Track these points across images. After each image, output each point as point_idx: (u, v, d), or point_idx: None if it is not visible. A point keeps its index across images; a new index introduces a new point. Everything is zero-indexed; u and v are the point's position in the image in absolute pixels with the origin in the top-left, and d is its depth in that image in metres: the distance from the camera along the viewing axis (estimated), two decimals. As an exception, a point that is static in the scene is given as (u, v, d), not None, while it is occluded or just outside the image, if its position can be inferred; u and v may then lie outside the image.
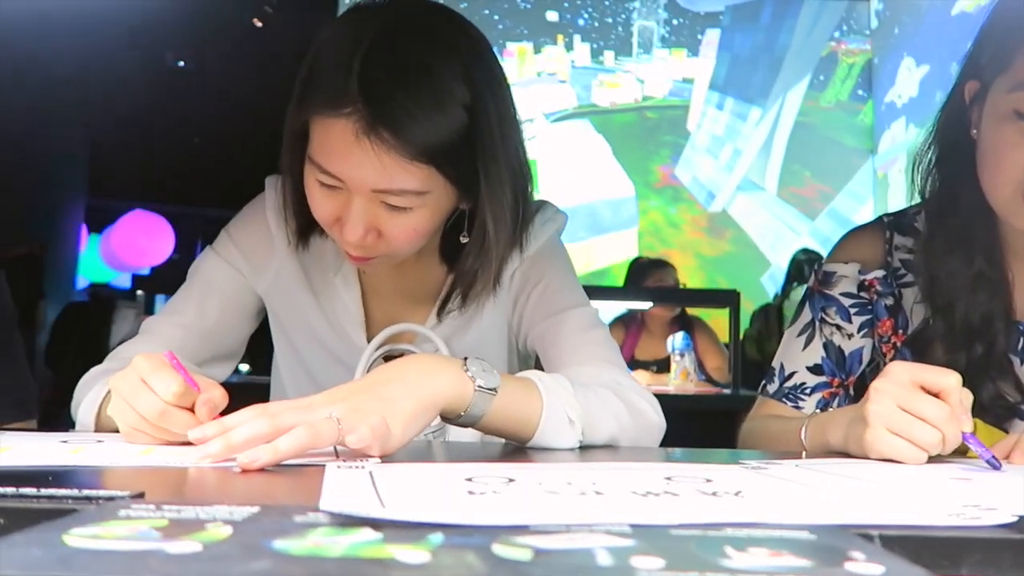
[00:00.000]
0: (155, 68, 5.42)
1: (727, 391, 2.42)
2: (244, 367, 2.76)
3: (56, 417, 2.52)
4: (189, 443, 0.70)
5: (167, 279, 5.34)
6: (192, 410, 0.70)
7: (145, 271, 6.47)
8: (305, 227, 0.96)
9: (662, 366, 2.65)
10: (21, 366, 1.15)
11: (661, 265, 2.91)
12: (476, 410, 0.74)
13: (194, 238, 6.63)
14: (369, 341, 1.01)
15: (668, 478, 0.58)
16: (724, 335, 3.03)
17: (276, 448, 0.59)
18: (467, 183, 0.86)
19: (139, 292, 2.84)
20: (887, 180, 4.99)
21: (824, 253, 1.25)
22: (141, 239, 6.28)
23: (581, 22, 5.27)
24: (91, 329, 2.21)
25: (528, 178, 0.92)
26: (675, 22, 5.34)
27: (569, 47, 5.22)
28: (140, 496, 0.46)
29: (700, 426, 1.54)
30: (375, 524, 0.39)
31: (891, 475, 0.66)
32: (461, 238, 0.92)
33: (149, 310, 2.54)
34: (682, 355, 2.40)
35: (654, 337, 2.78)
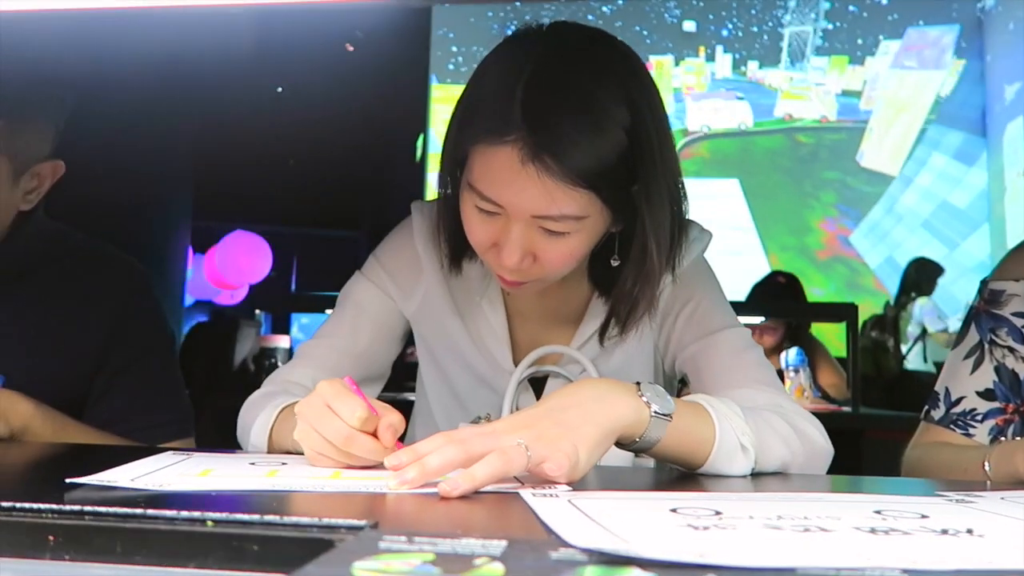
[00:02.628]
0: (256, 95, 5.66)
1: (846, 409, 2.32)
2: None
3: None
4: (369, 467, 0.72)
5: (272, 299, 5.54)
6: (373, 434, 0.72)
7: (245, 290, 6.73)
8: (458, 251, 0.97)
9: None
10: (179, 386, 1.21)
11: (793, 284, 2.81)
12: (652, 436, 0.73)
13: (290, 257, 6.87)
14: (515, 363, 1.02)
15: (878, 512, 0.56)
16: (833, 349, 2.92)
17: (473, 476, 0.60)
18: (622, 206, 0.85)
19: (257, 311, 2.97)
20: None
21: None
22: (241, 258, 6.55)
23: (725, 32, 5.06)
24: (216, 348, 2.32)
25: (684, 199, 0.91)
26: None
27: (711, 58, 5.01)
28: (375, 526, 0.47)
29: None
30: (641, 564, 0.39)
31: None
32: (612, 261, 0.91)
33: (269, 329, 2.65)
34: (796, 371, 2.32)
35: (765, 352, 2.67)
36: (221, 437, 1.23)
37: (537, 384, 1.03)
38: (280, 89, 5.92)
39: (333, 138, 6.07)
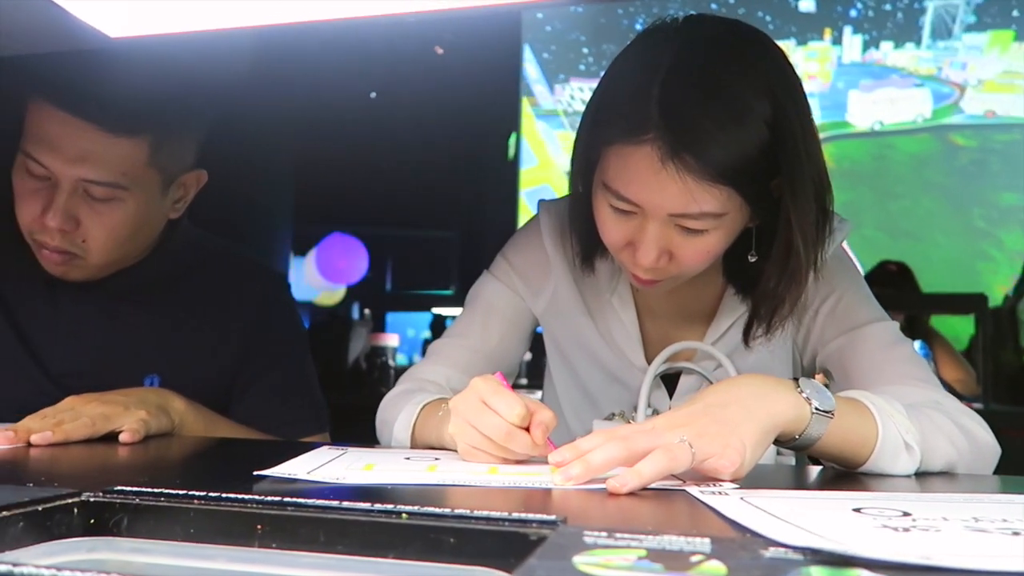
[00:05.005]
0: (352, 102, 5.82)
1: (977, 405, 2.19)
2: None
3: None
4: (521, 462, 0.73)
5: (368, 299, 5.69)
6: (526, 430, 0.73)
7: (342, 290, 6.94)
8: (589, 251, 0.97)
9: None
10: (315, 384, 1.25)
11: (905, 273, 2.68)
12: (813, 433, 0.71)
13: (385, 257, 7.03)
14: (646, 360, 1.00)
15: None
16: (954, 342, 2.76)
17: (641, 473, 0.60)
18: (762, 201, 0.83)
19: (366, 311, 3.07)
20: None
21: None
22: (339, 260, 6.75)
23: (854, 13, 4.23)
24: (330, 347, 2.41)
25: (830, 191, 0.87)
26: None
27: (837, 41, 4.21)
28: (565, 521, 0.48)
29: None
30: (865, 564, 0.37)
31: None
32: (750, 257, 0.88)
33: (376, 328, 2.74)
34: (920, 366, 2.20)
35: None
36: (339, 433, 1.27)
37: (669, 381, 1.02)
38: (374, 95, 6.07)
39: (426, 140, 6.18)
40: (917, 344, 2.29)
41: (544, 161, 5.06)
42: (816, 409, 0.70)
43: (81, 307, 1.10)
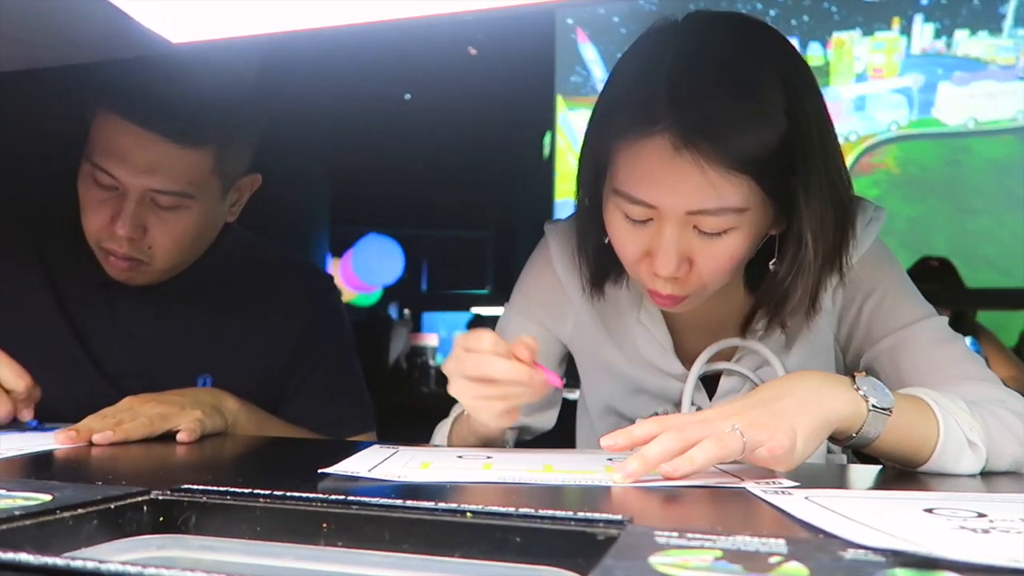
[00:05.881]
0: (386, 104, 5.87)
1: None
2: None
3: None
4: (572, 460, 0.73)
5: (404, 299, 5.73)
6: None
7: (379, 291, 7.00)
8: (600, 273, 0.93)
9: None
10: (362, 383, 1.26)
11: (947, 268, 2.62)
12: (870, 431, 0.69)
13: (420, 259, 7.07)
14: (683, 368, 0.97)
15: None
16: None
17: (692, 459, 0.61)
18: (785, 200, 0.79)
19: (406, 311, 3.10)
20: None
21: None
22: (375, 261, 6.81)
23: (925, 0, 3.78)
24: (373, 347, 2.43)
25: (850, 191, 0.83)
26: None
27: (906, 31, 3.78)
28: (631, 520, 0.47)
29: None
30: (950, 566, 0.36)
31: None
32: (771, 265, 0.84)
33: (413, 328, 2.77)
34: (970, 364, 2.14)
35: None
36: (381, 432, 1.28)
37: (708, 385, 0.98)
38: (408, 96, 6.10)
39: (460, 140, 6.20)
40: (967, 341, 2.23)
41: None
42: (873, 406, 0.69)
43: (137, 309, 1.13)
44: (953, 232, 3.47)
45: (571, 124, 5.05)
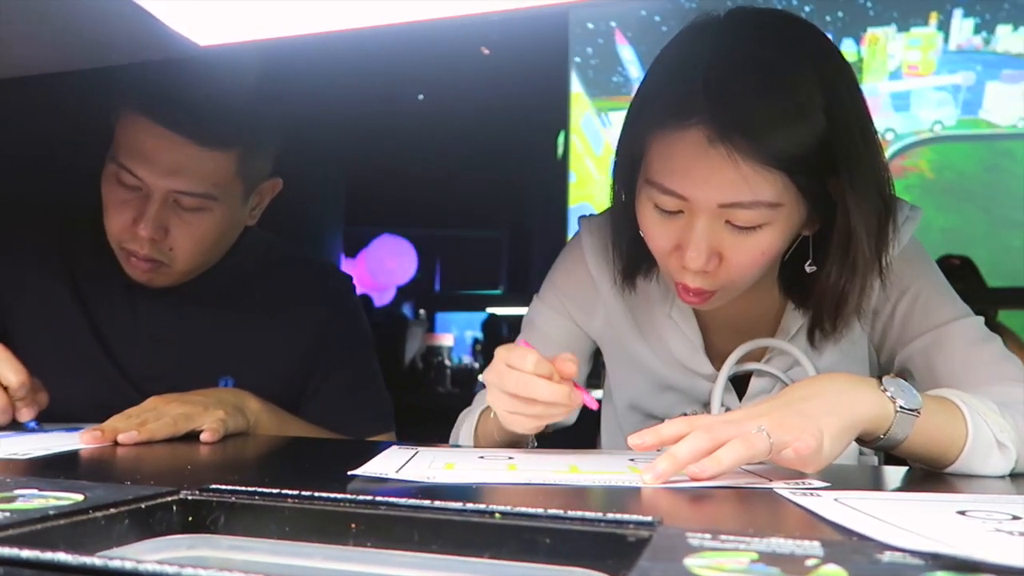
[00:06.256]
0: (400, 104, 5.88)
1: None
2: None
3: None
4: (595, 459, 0.73)
5: (418, 299, 5.75)
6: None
7: (392, 291, 7.02)
8: (632, 266, 0.93)
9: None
10: (381, 383, 1.27)
11: (968, 267, 2.59)
12: (898, 432, 0.69)
13: (434, 259, 7.08)
14: (713, 369, 0.97)
15: None
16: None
17: (720, 460, 0.60)
18: (819, 200, 0.79)
19: (421, 311, 3.10)
20: None
21: None
22: (389, 261, 6.83)
23: None
24: (389, 346, 2.44)
25: (891, 185, 0.83)
26: None
27: (943, 27, 3.57)
28: (661, 522, 0.47)
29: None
30: (992, 570, 0.36)
31: None
32: (807, 267, 0.84)
33: (431, 327, 2.77)
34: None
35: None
36: (398, 432, 1.28)
37: (737, 386, 0.98)
38: (421, 96, 6.11)
39: (473, 140, 6.20)
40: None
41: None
42: (901, 407, 0.68)
43: (158, 312, 1.13)
44: (993, 246, 3.19)
45: (594, 125, 5.00)
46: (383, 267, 6.80)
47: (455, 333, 5.25)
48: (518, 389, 0.73)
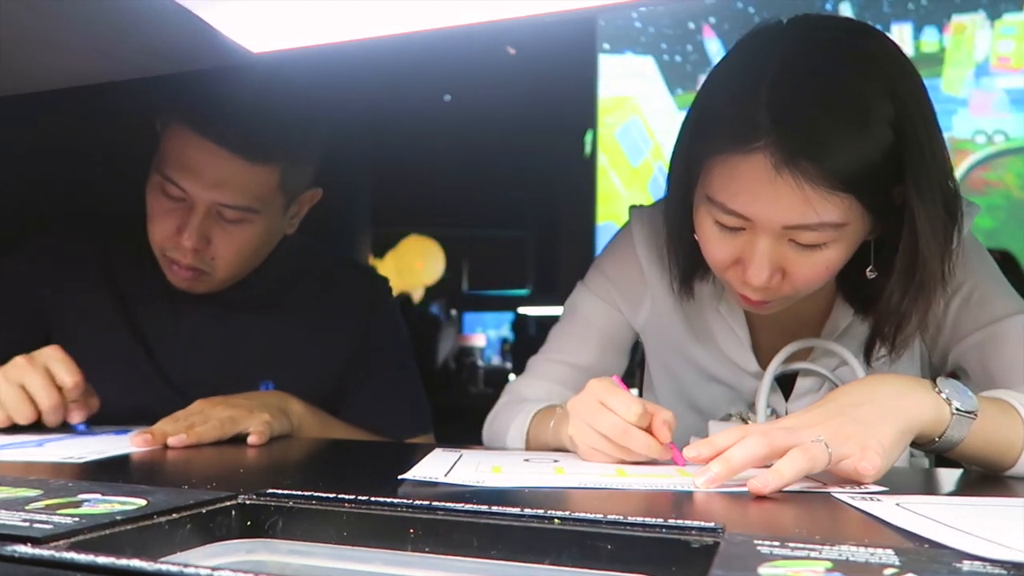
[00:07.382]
0: (427, 105, 5.90)
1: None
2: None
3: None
4: (646, 463, 0.72)
5: (445, 298, 5.76)
6: (648, 431, 0.72)
7: (421, 291, 7.05)
8: (689, 272, 0.92)
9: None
10: (419, 385, 1.27)
11: (1009, 261, 2.53)
12: (954, 435, 0.67)
13: (460, 258, 7.10)
14: (760, 366, 0.96)
15: None
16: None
17: (781, 473, 0.59)
18: (884, 210, 0.76)
19: (452, 311, 3.11)
20: None
21: None
22: (416, 261, 6.86)
23: None
24: (421, 347, 2.44)
25: (959, 197, 0.80)
26: None
27: None
28: (723, 528, 0.46)
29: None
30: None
31: None
32: (868, 272, 0.82)
33: (460, 328, 2.78)
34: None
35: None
36: (435, 433, 1.28)
37: (783, 384, 0.97)
38: (448, 97, 6.13)
39: (500, 140, 6.20)
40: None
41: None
42: (957, 410, 0.67)
43: (199, 318, 1.15)
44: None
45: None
46: (411, 267, 6.84)
47: (484, 333, 5.27)
48: (612, 434, 0.72)
